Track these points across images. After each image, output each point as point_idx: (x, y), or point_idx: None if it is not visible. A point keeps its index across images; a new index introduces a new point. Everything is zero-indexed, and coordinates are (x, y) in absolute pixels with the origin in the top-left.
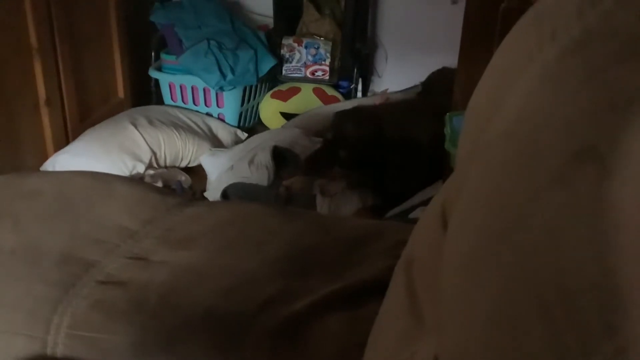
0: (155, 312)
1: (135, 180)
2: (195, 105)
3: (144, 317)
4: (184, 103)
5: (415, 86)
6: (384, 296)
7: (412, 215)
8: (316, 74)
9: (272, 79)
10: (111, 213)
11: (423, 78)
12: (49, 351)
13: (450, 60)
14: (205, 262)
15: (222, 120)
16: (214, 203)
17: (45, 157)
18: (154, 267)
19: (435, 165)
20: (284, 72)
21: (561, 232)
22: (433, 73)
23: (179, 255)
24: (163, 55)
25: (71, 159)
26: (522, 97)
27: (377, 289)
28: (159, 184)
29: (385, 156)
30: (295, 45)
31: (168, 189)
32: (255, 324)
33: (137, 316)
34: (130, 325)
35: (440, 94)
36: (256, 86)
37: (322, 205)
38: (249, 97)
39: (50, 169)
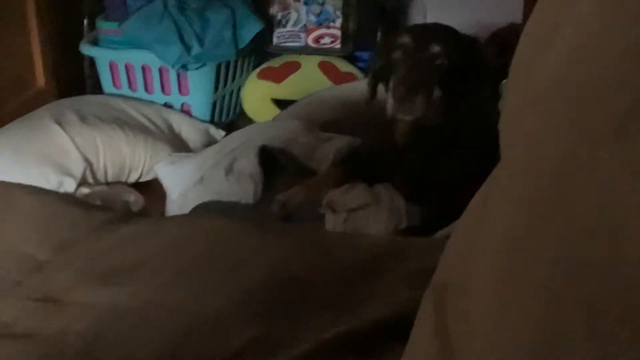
0: None
1: (46, 190)
2: (148, 93)
3: None
4: (132, 90)
5: None
6: (405, 342)
7: None
8: (322, 41)
9: (259, 52)
10: (10, 237)
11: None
12: None
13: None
14: (147, 301)
15: (188, 114)
16: (163, 219)
17: None
18: (72, 312)
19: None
20: (275, 40)
21: (618, 205)
22: (500, 30)
23: (109, 293)
24: (100, 23)
25: None
26: (574, 33)
27: (396, 332)
28: None
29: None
30: (291, 1)
31: None
32: None
33: None
34: None
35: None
36: (235, 62)
37: (334, 228)
38: (226, 78)
39: None
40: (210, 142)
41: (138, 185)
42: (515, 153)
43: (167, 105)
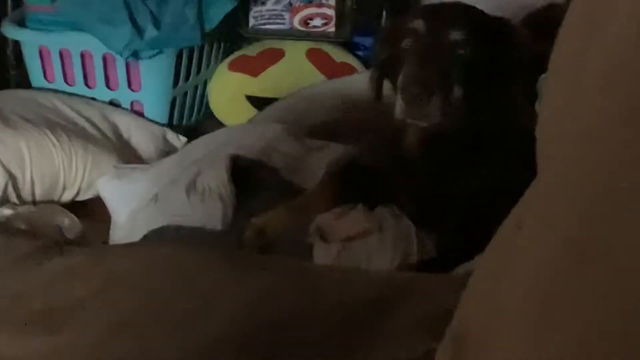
0: None
1: None
2: (89, 87)
3: None
4: (68, 84)
5: None
6: None
7: None
8: (311, 23)
9: (232, 36)
10: None
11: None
12: None
13: None
14: (85, 353)
15: (139, 115)
16: (106, 249)
17: None
18: None
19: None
20: (252, 22)
21: None
22: (538, 11)
23: (35, 343)
24: None
25: None
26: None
27: None
28: None
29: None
30: None
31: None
32: None
33: None
34: None
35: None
36: (201, 49)
37: (325, 261)
38: (188, 70)
39: None
40: (167, 151)
41: (75, 206)
42: (557, 165)
43: (114, 104)
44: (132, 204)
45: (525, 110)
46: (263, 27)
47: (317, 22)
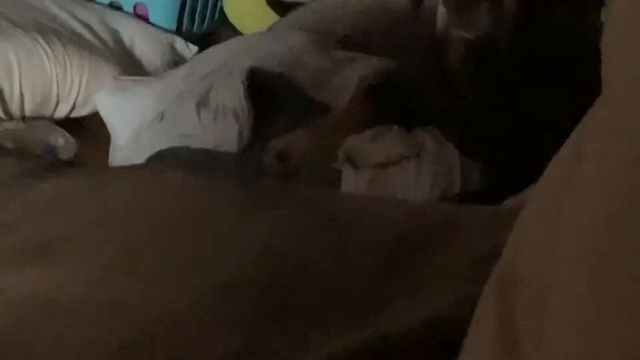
0: None
1: None
2: None
3: None
4: None
5: None
6: (455, 354)
7: None
8: None
9: None
10: None
11: None
12: None
13: None
14: (81, 291)
15: (143, 19)
16: (105, 172)
17: None
18: None
19: None
20: None
21: None
22: None
23: (25, 278)
24: None
25: None
26: None
27: (442, 341)
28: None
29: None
30: None
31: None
32: None
33: None
34: None
35: None
36: None
37: (355, 190)
38: None
39: None
40: (175, 61)
41: (70, 123)
42: (627, 82)
43: (114, 7)
44: (134, 122)
45: (591, 22)
46: None
47: None
